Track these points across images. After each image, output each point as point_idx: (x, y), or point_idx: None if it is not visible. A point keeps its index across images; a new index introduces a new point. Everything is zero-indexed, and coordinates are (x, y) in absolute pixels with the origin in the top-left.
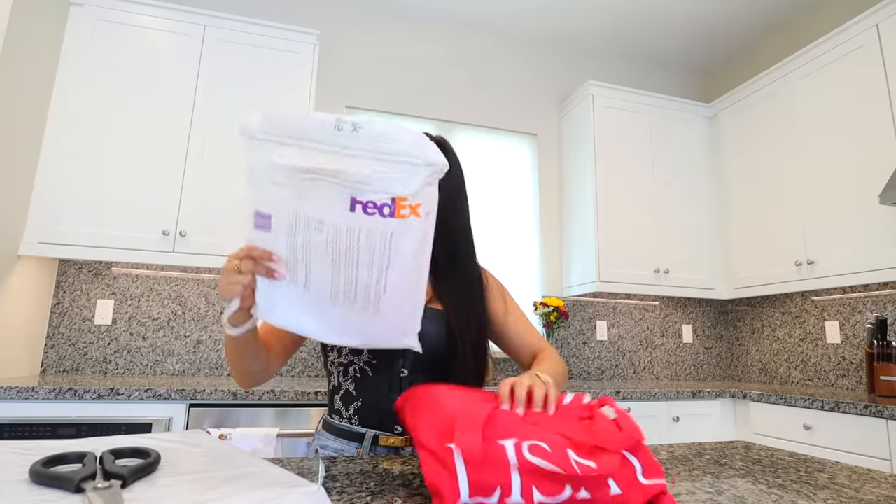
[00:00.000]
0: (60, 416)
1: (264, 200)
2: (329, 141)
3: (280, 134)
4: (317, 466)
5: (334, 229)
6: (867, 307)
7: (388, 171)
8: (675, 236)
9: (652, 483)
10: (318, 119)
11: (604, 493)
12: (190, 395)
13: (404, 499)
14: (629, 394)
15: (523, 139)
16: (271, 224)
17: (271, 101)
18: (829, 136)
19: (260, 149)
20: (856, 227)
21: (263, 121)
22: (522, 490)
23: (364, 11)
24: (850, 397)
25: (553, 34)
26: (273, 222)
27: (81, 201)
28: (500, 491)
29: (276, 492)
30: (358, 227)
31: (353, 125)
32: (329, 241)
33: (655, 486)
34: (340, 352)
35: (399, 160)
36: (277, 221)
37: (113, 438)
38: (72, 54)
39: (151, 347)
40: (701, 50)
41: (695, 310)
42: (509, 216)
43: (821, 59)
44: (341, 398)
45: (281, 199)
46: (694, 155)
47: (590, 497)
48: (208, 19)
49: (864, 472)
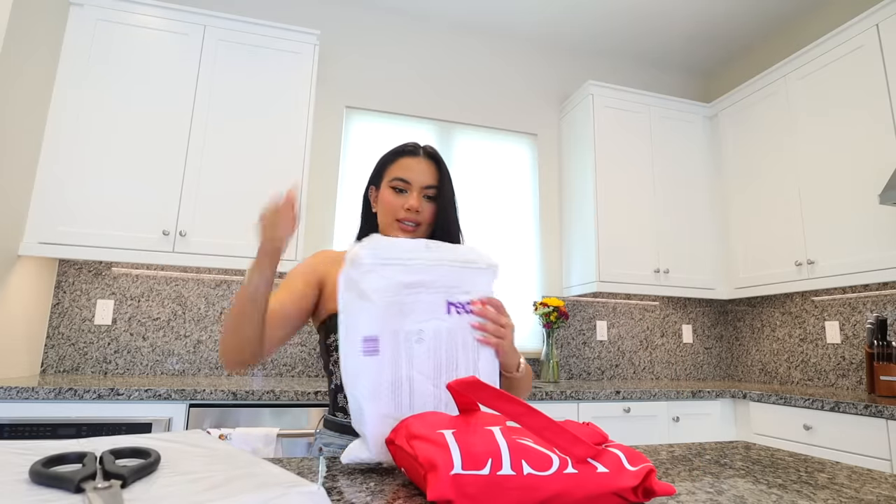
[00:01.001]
0: (60, 416)
1: (370, 323)
2: (424, 256)
3: (384, 257)
4: (317, 466)
5: (434, 334)
6: (867, 307)
7: (472, 276)
8: (675, 236)
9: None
10: (411, 242)
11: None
12: (190, 395)
13: (404, 499)
14: (629, 394)
15: (523, 139)
16: (379, 346)
17: (271, 101)
18: (829, 136)
19: (369, 274)
20: (856, 227)
21: (370, 250)
22: (512, 462)
23: (364, 11)
24: (850, 397)
25: (553, 34)
26: (381, 345)
27: (81, 201)
28: (491, 462)
29: (276, 492)
30: (455, 328)
31: (437, 244)
32: (430, 348)
33: (643, 468)
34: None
35: (476, 267)
36: (384, 343)
37: (113, 438)
38: (72, 54)
39: (151, 347)
40: (701, 50)
41: (695, 310)
42: (509, 216)
43: (821, 59)
44: (345, 396)
45: (386, 318)
46: (694, 155)
47: (577, 472)
48: (208, 19)
49: (864, 472)
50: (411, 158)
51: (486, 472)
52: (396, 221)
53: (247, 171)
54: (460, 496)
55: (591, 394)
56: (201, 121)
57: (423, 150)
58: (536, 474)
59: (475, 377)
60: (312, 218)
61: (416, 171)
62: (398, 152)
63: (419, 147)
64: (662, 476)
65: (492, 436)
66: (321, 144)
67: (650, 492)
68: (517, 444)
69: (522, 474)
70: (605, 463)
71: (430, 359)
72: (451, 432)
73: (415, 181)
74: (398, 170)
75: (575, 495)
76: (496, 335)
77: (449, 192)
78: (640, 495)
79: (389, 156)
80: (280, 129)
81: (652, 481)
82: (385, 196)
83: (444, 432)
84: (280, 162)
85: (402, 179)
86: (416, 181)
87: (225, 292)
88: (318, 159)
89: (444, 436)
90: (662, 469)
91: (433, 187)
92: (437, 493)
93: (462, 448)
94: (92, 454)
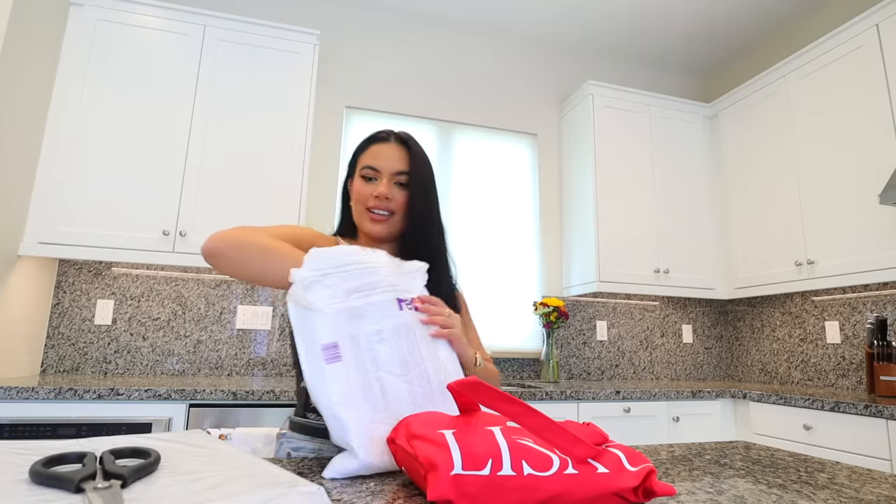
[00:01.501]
0: (60, 416)
1: (325, 331)
2: (361, 260)
3: (323, 268)
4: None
5: (394, 332)
6: (867, 307)
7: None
8: (675, 236)
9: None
10: (347, 248)
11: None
12: (190, 395)
13: (404, 499)
14: (629, 394)
15: (523, 139)
16: (339, 352)
17: (271, 101)
18: (829, 136)
19: (312, 287)
20: (856, 227)
21: (309, 265)
22: (513, 463)
23: (364, 11)
24: (850, 397)
25: (553, 34)
26: (341, 350)
27: (81, 201)
28: (492, 462)
29: (276, 492)
30: (412, 323)
31: (372, 250)
32: (392, 346)
33: (643, 469)
34: None
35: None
36: (344, 349)
37: (113, 438)
38: (72, 54)
39: (151, 347)
40: (701, 50)
41: (695, 310)
42: (509, 216)
43: (820, 59)
44: None
45: (340, 324)
46: (694, 155)
47: (577, 473)
48: (208, 19)
49: (864, 472)
50: (382, 145)
51: (487, 473)
52: (366, 211)
53: (247, 171)
54: (460, 496)
55: (591, 394)
56: (201, 121)
57: (395, 135)
58: (537, 475)
59: (475, 378)
60: (312, 218)
61: (386, 158)
62: (370, 140)
63: (391, 133)
64: (662, 476)
65: (492, 436)
66: (321, 144)
67: (650, 492)
68: (518, 445)
69: (523, 475)
70: (605, 463)
71: (394, 356)
72: (451, 432)
73: (384, 168)
74: (368, 157)
75: (575, 495)
76: (445, 325)
77: (423, 179)
78: (641, 496)
79: (362, 144)
80: (280, 129)
81: (652, 482)
82: (356, 185)
83: (445, 432)
84: (280, 162)
85: (371, 167)
86: (385, 168)
87: (225, 292)
88: (318, 159)
89: (444, 436)
90: (662, 469)
91: (404, 173)
92: (437, 493)
93: (462, 448)
94: (92, 454)
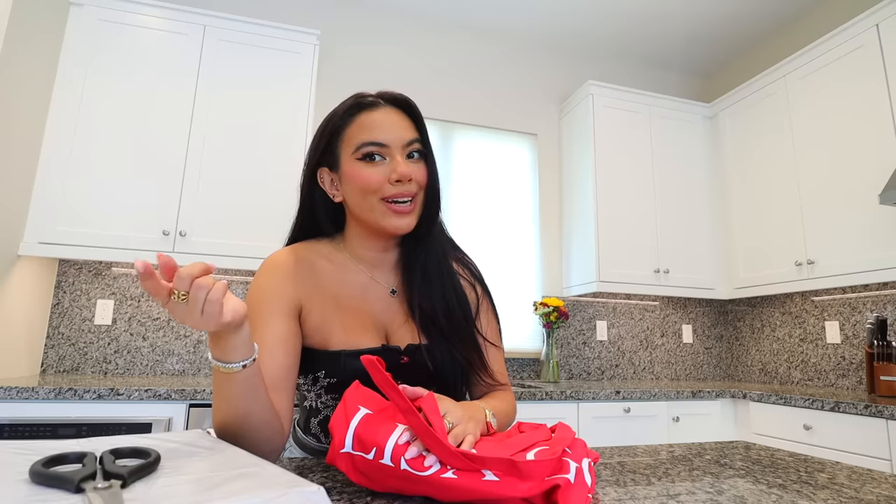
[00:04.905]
0: (60, 416)
1: None
2: None
3: None
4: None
5: None
6: (867, 307)
7: None
8: (675, 236)
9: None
10: None
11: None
12: (190, 395)
13: (404, 499)
14: (629, 394)
15: (523, 139)
16: None
17: (272, 101)
18: (829, 136)
19: None
20: (856, 227)
21: None
22: (392, 457)
23: (364, 11)
24: (850, 397)
25: (553, 34)
26: None
27: (81, 201)
28: (375, 451)
29: (276, 492)
30: None
31: None
32: None
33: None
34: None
35: None
36: None
37: (113, 438)
38: (72, 54)
39: (151, 347)
40: (701, 50)
41: (695, 310)
42: (509, 216)
43: (821, 59)
44: (319, 423)
45: None
46: (694, 155)
47: (456, 478)
48: (208, 19)
49: (864, 472)
50: (372, 112)
51: (371, 458)
52: (384, 203)
53: (247, 171)
54: (352, 471)
55: (591, 394)
56: (201, 120)
57: (384, 98)
58: (411, 471)
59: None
60: None
61: (388, 127)
62: (352, 110)
63: (379, 96)
64: (663, 476)
65: (391, 430)
66: None
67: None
68: (402, 446)
69: (399, 468)
70: (498, 472)
71: None
72: (363, 414)
73: (392, 140)
74: (361, 132)
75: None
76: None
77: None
78: None
79: (341, 118)
80: (280, 128)
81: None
82: (356, 173)
83: (359, 411)
84: (280, 161)
85: (374, 143)
86: (393, 140)
87: None
88: None
89: (354, 413)
90: (662, 469)
91: (417, 140)
92: (332, 461)
93: (357, 431)
94: (92, 454)
